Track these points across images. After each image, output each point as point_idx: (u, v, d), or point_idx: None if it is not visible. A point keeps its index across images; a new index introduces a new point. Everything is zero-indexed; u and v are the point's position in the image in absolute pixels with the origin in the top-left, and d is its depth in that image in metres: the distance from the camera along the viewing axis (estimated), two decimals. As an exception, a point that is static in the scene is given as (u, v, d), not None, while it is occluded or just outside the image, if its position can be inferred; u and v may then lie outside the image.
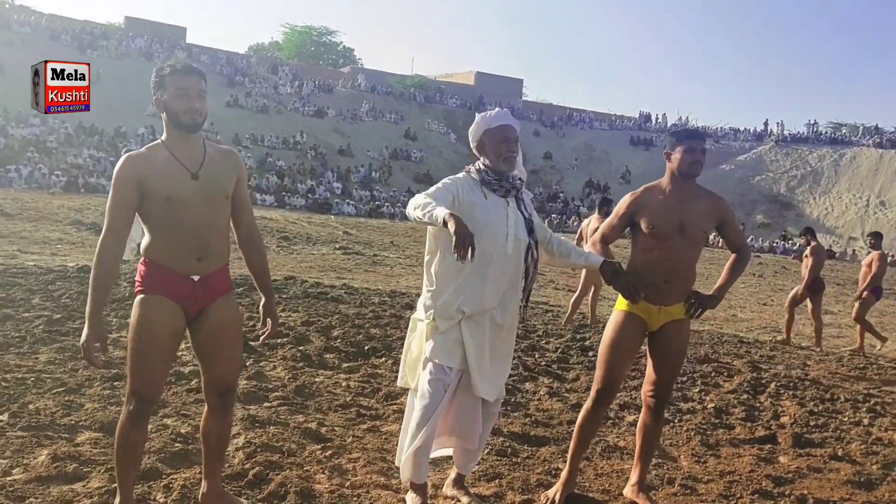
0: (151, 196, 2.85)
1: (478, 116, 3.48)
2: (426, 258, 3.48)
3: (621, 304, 3.63)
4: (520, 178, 3.51)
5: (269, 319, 3.26)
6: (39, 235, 14.00)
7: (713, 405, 5.81)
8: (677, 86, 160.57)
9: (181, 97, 2.86)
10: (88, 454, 3.70)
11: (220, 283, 3.04)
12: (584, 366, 6.85)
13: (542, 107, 61.90)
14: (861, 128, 57.80)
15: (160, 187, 2.85)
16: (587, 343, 7.98)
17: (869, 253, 10.20)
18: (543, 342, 7.91)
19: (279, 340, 6.53)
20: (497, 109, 3.51)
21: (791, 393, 6.52)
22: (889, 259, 14.89)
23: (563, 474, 3.75)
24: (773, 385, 6.70)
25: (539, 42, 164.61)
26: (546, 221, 34.44)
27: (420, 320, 3.45)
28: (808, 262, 10.04)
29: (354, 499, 3.51)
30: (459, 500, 3.58)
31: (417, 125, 49.72)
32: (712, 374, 7.04)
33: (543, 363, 6.83)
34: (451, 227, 2.89)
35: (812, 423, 5.53)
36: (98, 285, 2.84)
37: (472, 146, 3.50)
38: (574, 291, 10.21)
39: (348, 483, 3.68)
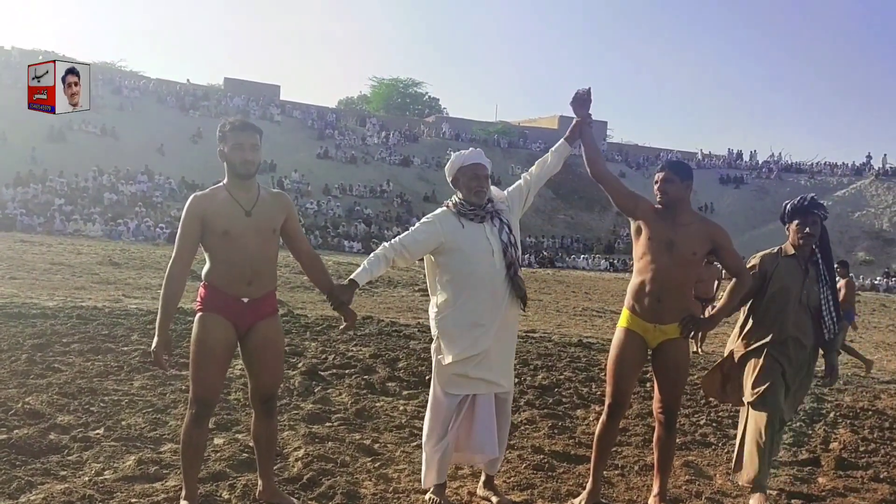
0: (212, 229, 3.40)
1: (453, 156, 3.96)
2: (430, 290, 3.99)
3: (622, 321, 3.96)
4: (491, 200, 3.92)
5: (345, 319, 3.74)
6: (143, 282, 15.16)
7: (761, 431, 5.89)
8: (770, 121, 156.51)
9: (237, 150, 3.42)
10: (169, 460, 4.24)
11: (266, 306, 3.55)
12: (639, 395, 7.03)
13: (628, 148, 61.78)
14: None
15: (219, 222, 3.39)
16: (647, 376, 8.11)
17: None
18: (603, 375, 8.09)
19: (347, 371, 7.03)
20: (471, 150, 4.00)
21: (849, 422, 6.50)
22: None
23: (588, 484, 4.05)
24: (832, 415, 6.70)
25: (625, 84, 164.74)
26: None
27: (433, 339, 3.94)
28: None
29: (395, 501, 3.91)
30: (490, 501, 3.94)
31: (500, 170, 50.22)
32: (770, 404, 7.06)
33: (599, 393, 7.06)
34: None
35: (861, 449, 5.56)
36: (166, 303, 3.41)
37: (448, 181, 3.97)
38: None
39: (391, 489, 4.08)
